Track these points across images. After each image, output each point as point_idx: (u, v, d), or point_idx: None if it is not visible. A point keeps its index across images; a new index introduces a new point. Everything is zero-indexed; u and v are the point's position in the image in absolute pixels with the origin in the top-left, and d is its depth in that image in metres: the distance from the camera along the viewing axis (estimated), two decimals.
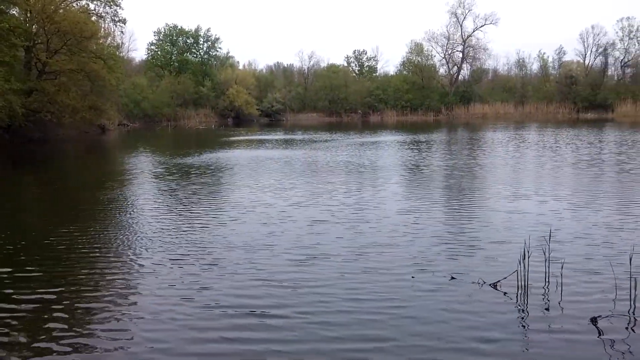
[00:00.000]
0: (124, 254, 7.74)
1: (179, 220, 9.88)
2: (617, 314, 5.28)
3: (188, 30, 75.59)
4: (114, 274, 6.86)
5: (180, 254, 7.65)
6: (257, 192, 12.84)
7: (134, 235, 8.83)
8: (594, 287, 6.06)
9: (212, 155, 23.19)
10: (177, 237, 8.58)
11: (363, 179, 15.04)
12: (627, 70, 74.76)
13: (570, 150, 22.47)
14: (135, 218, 10.26)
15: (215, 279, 6.54)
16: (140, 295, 6.09)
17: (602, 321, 5.13)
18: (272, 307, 5.63)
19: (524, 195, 11.96)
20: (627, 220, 9.30)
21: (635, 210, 10.16)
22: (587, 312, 5.35)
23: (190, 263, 7.21)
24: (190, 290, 6.16)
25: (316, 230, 8.91)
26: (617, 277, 6.05)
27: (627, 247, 7.13)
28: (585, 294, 5.88)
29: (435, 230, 8.84)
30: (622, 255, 6.80)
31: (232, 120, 70.08)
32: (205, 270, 6.88)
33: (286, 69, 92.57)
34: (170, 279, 6.57)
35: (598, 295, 5.83)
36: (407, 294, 5.97)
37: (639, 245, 7.31)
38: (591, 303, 5.62)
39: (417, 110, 74.00)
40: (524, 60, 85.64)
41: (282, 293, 6.04)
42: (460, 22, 77.94)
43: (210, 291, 6.13)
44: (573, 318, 5.28)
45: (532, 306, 5.62)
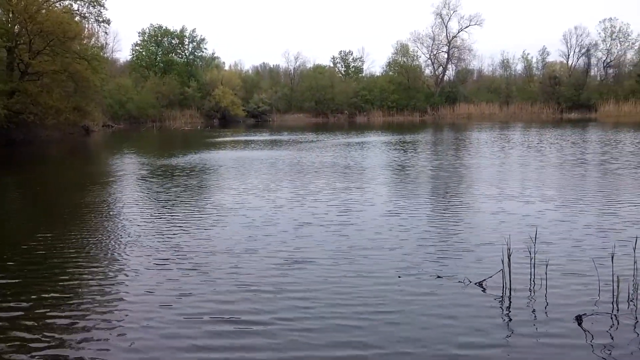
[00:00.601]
0: (103, 259, 7.61)
1: (161, 224, 9.71)
2: (601, 313, 5.31)
3: (173, 30, 75.12)
4: (92, 279, 6.73)
5: (161, 258, 7.50)
6: (242, 194, 12.70)
7: (114, 239, 8.66)
8: (578, 286, 6.10)
9: (197, 156, 23.04)
10: (159, 241, 8.42)
11: (349, 180, 15.02)
12: (610, 71, 75.70)
13: (554, 151, 22.68)
14: (117, 222, 10.11)
15: (195, 285, 6.38)
16: (118, 302, 5.94)
17: (586, 320, 5.16)
18: (252, 313, 5.51)
19: (509, 195, 12.03)
20: (611, 219, 9.39)
21: (619, 210, 10.26)
22: (572, 311, 5.37)
23: (170, 268, 7.06)
24: (169, 297, 6.00)
25: (300, 233, 8.77)
26: (601, 276, 6.09)
27: (610, 246, 7.19)
28: (569, 293, 5.92)
29: (422, 231, 8.85)
30: (605, 255, 6.85)
31: (218, 121, 69.72)
32: (186, 276, 6.72)
33: (272, 70, 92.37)
34: (150, 285, 6.42)
35: (582, 294, 5.86)
36: (392, 295, 5.95)
37: (621, 245, 7.39)
38: (575, 302, 5.66)
39: (403, 110, 74.27)
40: (509, 61, 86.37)
41: (263, 299, 5.89)
42: (445, 23, 78.41)
43: (190, 298, 5.98)
44: (558, 317, 5.30)
45: (516, 305, 5.64)
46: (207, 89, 71.80)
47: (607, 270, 6.03)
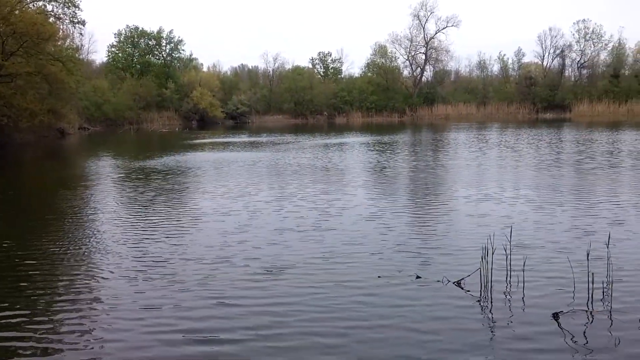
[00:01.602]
0: (69, 268, 7.32)
1: (133, 230, 9.44)
2: (577, 310, 5.41)
3: (150, 32, 74.26)
4: (55, 290, 6.41)
5: (130, 267, 7.22)
6: (218, 198, 12.47)
7: (84, 246, 8.44)
8: (555, 284, 6.20)
9: (174, 158, 22.82)
10: (129, 249, 8.16)
11: (327, 183, 15.04)
12: (584, 72, 77.15)
13: (531, 151, 23.03)
14: (88, 228, 9.88)
15: (163, 296, 6.08)
16: (81, 316, 5.60)
17: (563, 317, 5.25)
18: (224, 330, 5.18)
19: (486, 194, 12.18)
20: (586, 218, 9.58)
21: (593, 208, 10.47)
22: (549, 309, 5.46)
23: (138, 277, 6.79)
24: (135, 311, 5.70)
25: (278, 239, 8.50)
26: (577, 273, 6.20)
27: (585, 243, 7.32)
28: (546, 291, 6.01)
29: (401, 231, 8.90)
30: (581, 252, 6.97)
31: (196, 122, 69.15)
32: (155, 288, 6.39)
33: (251, 71, 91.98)
34: (116, 297, 6.11)
35: (559, 292, 5.96)
36: (371, 295, 5.98)
37: (596, 242, 7.53)
38: (552, 299, 5.75)
39: (382, 111, 74.63)
40: (485, 62, 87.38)
41: (235, 313, 5.56)
42: (422, 25, 79.02)
43: (157, 312, 5.66)
44: (535, 314, 5.38)
45: (494, 303, 5.71)
46: (185, 90, 71.17)
47: (583, 267, 6.15)
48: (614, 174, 15.33)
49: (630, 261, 6.87)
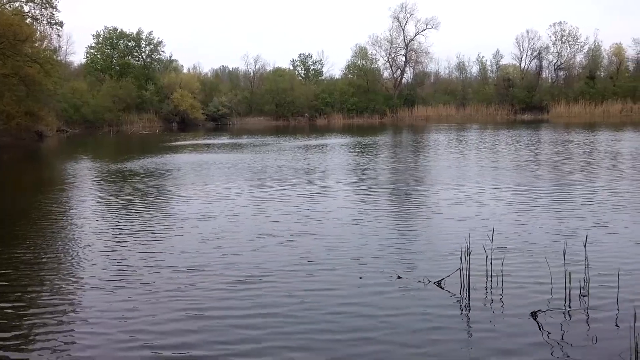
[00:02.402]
0: (38, 277, 7.01)
1: (107, 237, 9.06)
2: (554, 309, 5.52)
3: (129, 33, 73.53)
4: (22, 302, 6.12)
5: (102, 277, 6.89)
6: (197, 202, 12.18)
7: (53, 255, 8.12)
8: (533, 282, 6.33)
9: (153, 161, 22.64)
10: (102, 257, 7.83)
11: (308, 185, 15.08)
12: (560, 73, 78.48)
13: (510, 151, 23.36)
14: (60, 235, 9.60)
15: (137, 310, 5.75)
16: (47, 331, 5.28)
17: (541, 316, 5.36)
18: (198, 345, 4.91)
19: (466, 195, 12.34)
20: (563, 218, 9.77)
21: (570, 208, 10.67)
22: (527, 307, 5.57)
23: (110, 288, 6.46)
24: (105, 324, 5.41)
25: (257, 245, 8.26)
26: (554, 272, 6.33)
27: (563, 243, 7.47)
28: (525, 289, 6.13)
29: (382, 233, 8.98)
30: (558, 251, 7.11)
31: (177, 125, 68.68)
32: (127, 299, 6.09)
33: (232, 73, 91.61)
34: (85, 309, 5.81)
35: (537, 290, 6.08)
36: (353, 296, 6.03)
37: (574, 242, 7.70)
38: (531, 298, 5.86)
39: (362, 113, 74.97)
40: (464, 64, 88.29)
41: (211, 326, 5.30)
42: (402, 27, 79.57)
43: (129, 325, 5.38)
44: (514, 313, 5.48)
45: (474, 303, 5.80)
46: (166, 92, 70.64)
47: (561, 267, 6.28)
48: (591, 174, 15.64)
49: (607, 260, 7.03)
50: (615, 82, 70.43)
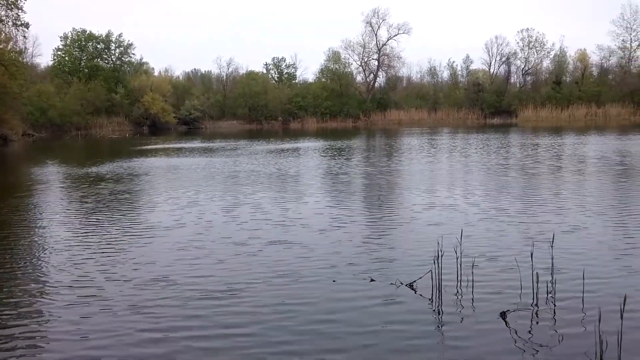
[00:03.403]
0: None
1: (69, 248, 8.59)
2: (523, 309, 5.65)
3: (98, 35, 72.33)
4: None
5: (60, 292, 6.48)
6: (165, 209, 11.80)
7: (7, 265, 7.69)
8: (502, 283, 6.46)
9: (122, 165, 22.29)
10: (61, 269, 7.40)
11: (281, 189, 15.08)
12: (528, 78, 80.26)
13: (480, 155, 23.76)
14: (18, 243, 9.14)
15: (94, 329, 5.38)
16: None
17: (510, 316, 5.47)
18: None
19: (438, 199, 12.50)
20: (531, 220, 9.99)
21: (538, 210, 10.92)
22: (497, 307, 5.68)
23: (67, 303, 6.08)
24: (58, 343, 5.11)
25: (227, 254, 7.95)
26: (522, 273, 6.47)
27: (530, 245, 7.64)
28: (494, 290, 6.25)
29: (355, 236, 9.03)
30: (527, 253, 7.26)
31: (147, 128, 67.76)
32: (83, 315, 5.72)
33: (204, 76, 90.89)
34: (39, 325, 5.50)
35: (506, 291, 6.21)
36: (326, 300, 6.06)
37: (541, 243, 7.88)
38: (500, 298, 5.98)
39: (336, 116, 75.24)
40: (435, 69, 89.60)
41: (177, 349, 4.95)
42: (375, 32, 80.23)
43: (84, 344, 5.07)
44: (484, 313, 5.59)
45: (445, 304, 5.89)
46: (136, 95, 69.62)
47: (528, 268, 6.42)
48: (558, 178, 16.04)
49: (572, 261, 7.22)
50: (580, 87, 72.37)
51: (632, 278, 6.50)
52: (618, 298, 4.82)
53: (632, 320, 5.21)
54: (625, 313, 4.62)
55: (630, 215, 10.04)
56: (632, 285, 6.22)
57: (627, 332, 4.80)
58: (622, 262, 7.18)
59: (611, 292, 5.95)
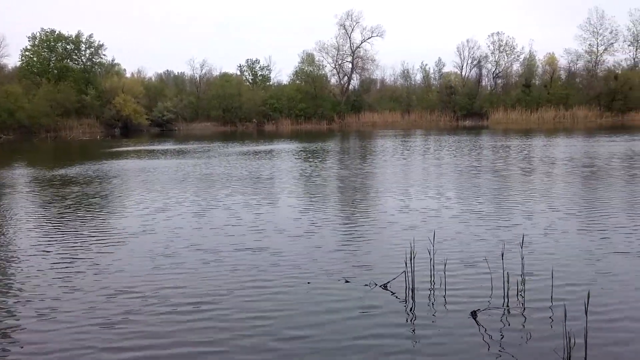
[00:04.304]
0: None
1: (33, 255, 8.20)
2: (493, 308, 5.77)
3: (68, 35, 70.97)
4: None
5: (19, 305, 6.14)
6: (136, 214, 11.47)
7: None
8: (474, 283, 6.58)
9: (92, 168, 21.92)
10: (23, 280, 7.03)
11: (255, 191, 15.03)
12: (499, 81, 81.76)
13: (453, 157, 24.08)
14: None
15: (54, 348, 5.04)
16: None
17: (480, 314, 5.58)
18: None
19: (411, 200, 12.65)
20: (502, 221, 10.19)
21: (508, 211, 11.14)
22: (468, 306, 5.79)
23: (27, 317, 5.77)
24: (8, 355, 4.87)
25: (199, 262, 7.67)
26: (493, 273, 6.61)
27: (500, 244, 7.79)
28: (466, 290, 6.37)
29: (330, 238, 9.08)
30: (498, 253, 7.41)
31: (119, 130, 66.77)
32: (43, 330, 5.41)
33: (177, 77, 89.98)
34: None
35: (477, 291, 6.33)
36: (302, 302, 6.08)
37: (510, 243, 8.04)
38: (471, 298, 6.09)
39: (310, 119, 75.33)
40: (409, 71, 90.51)
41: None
42: (348, 34, 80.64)
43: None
44: (456, 313, 5.69)
45: (418, 304, 5.98)
46: (107, 96, 68.52)
47: (499, 267, 6.56)
48: (528, 179, 16.37)
49: (541, 261, 7.39)
50: (549, 90, 74.01)
51: (598, 277, 6.69)
52: (584, 297, 4.96)
53: (598, 317, 5.37)
54: (591, 311, 4.76)
55: (596, 216, 10.32)
56: (598, 284, 6.40)
57: (593, 329, 4.94)
58: (588, 261, 7.38)
59: (578, 291, 6.11)
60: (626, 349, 4.80)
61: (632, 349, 4.80)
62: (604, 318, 5.42)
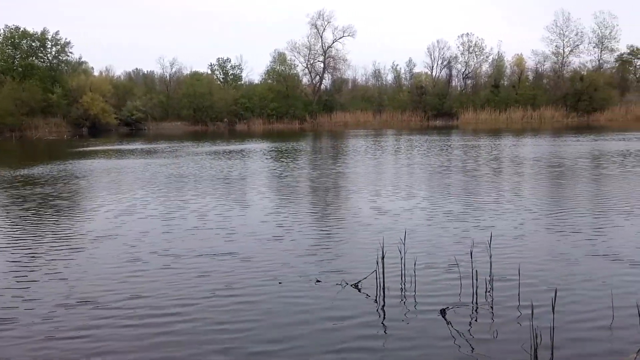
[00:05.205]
0: None
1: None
2: (462, 305, 5.83)
3: (33, 32, 69.30)
4: None
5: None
6: (100, 217, 11.05)
7: None
8: (444, 281, 6.65)
9: (57, 168, 21.42)
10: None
11: (226, 192, 14.91)
12: (468, 82, 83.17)
13: (423, 157, 24.34)
14: None
15: (5, 356, 4.79)
16: None
17: (449, 312, 5.64)
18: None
19: (382, 200, 12.72)
20: (471, 219, 10.32)
21: (477, 210, 11.30)
22: (438, 305, 5.84)
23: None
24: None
25: (165, 265, 7.43)
26: (462, 271, 6.69)
27: (469, 243, 7.89)
28: (435, 288, 6.42)
29: (302, 239, 9.05)
30: (466, 251, 7.49)
31: (87, 130, 65.51)
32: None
33: (146, 76, 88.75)
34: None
35: (447, 289, 6.39)
36: (273, 301, 6.05)
37: (478, 241, 8.15)
38: (441, 296, 6.15)
39: (282, 118, 75.24)
40: (380, 71, 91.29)
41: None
42: (320, 34, 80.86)
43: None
44: (425, 311, 5.74)
45: (389, 302, 6.01)
46: (74, 95, 67.17)
47: (468, 266, 6.64)
48: (496, 178, 16.65)
49: (509, 258, 7.51)
50: (517, 90, 75.58)
51: (565, 276, 6.82)
52: (551, 293, 5.06)
53: (564, 314, 5.48)
54: (557, 310, 4.85)
55: (564, 216, 10.55)
56: (564, 281, 6.53)
57: (559, 327, 5.03)
58: (556, 260, 7.53)
59: (545, 290, 6.22)
60: (591, 345, 4.91)
61: (596, 345, 4.91)
62: (570, 316, 5.52)
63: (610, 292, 5.92)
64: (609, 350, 4.78)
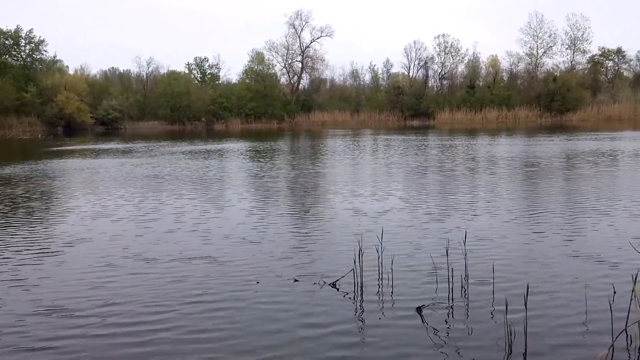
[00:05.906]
0: None
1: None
2: (438, 303, 5.93)
3: (6, 30, 67.91)
4: None
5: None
6: (71, 220, 10.69)
7: None
8: (420, 279, 6.73)
9: (30, 167, 21.03)
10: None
11: (203, 192, 14.84)
12: (444, 82, 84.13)
13: (400, 157, 24.54)
14: None
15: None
16: None
17: (425, 310, 5.73)
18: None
19: (359, 199, 12.80)
20: (446, 218, 10.47)
21: (453, 209, 11.45)
22: (414, 303, 5.92)
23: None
24: None
25: (139, 270, 7.18)
26: (439, 269, 6.80)
27: (445, 241, 8.00)
28: (412, 286, 6.51)
29: (279, 238, 9.06)
30: (442, 250, 7.60)
31: (62, 129, 64.43)
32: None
33: (123, 75, 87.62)
34: None
35: (423, 286, 6.48)
36: (251, 300, 6.06)
37: (454, 240, 8.28)
38: (417, 294, 6.23)
39: (261, 118, 75.10)
40: (358, 72, 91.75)
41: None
42: (298, 34, 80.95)
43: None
44: (402, 309, 5.81)
45: (367, 301, 6.07)
46: (49, 94, 66.02)
47: (444, 264, 6.74)
48: (471, 177, 16.88)
49: (484, 256, 7.64)
50: (492, 91, 76.71)
51: (538, 272, 6.97)
52: (524, 289, 5.17)
53: (537, 310, 5.60)
54: (530, 304, 4.96)
55: (537, 214, 10.76)
56: (537, 279, 6.67)
57: (532, 321, 5.15)
58: (529, 257, 7.68)
59: (518, 285, 6.35)
60: (563, 337, 5.04)
61: (568, 338, 5.04)
62: (543, 312, 5.64)
63: (584, 290, 6.08)
64: (581, 344, 4.91)
